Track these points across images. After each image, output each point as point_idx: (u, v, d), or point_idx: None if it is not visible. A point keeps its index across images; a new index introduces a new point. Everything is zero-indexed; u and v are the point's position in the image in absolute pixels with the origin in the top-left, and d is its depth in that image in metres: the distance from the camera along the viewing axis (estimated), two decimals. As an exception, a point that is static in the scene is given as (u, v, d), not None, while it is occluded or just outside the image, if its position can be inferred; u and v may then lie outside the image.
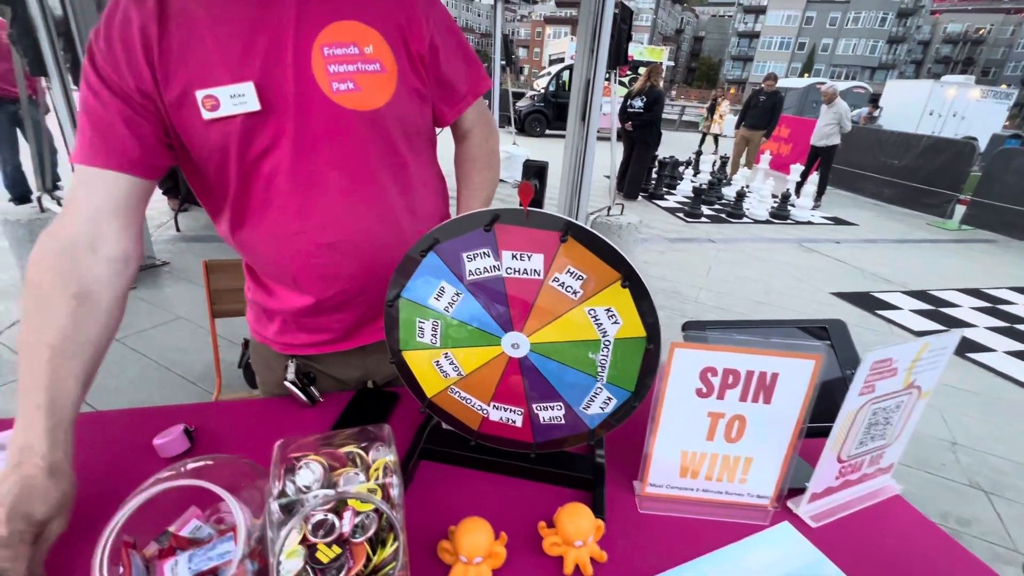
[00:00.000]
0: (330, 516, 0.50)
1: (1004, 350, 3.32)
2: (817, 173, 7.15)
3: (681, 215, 6.07)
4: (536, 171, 3.65)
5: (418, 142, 0.80)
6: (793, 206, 6.51)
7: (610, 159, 3.95)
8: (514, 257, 0.60)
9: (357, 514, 0.51)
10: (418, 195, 0.82)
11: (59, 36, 2.51)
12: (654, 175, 7.14)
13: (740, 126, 7.96)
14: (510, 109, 7.31)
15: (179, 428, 0.74)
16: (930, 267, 5.00)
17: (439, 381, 0.70)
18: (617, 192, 5.83)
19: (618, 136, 4.76)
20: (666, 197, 6.95)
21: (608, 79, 3.35)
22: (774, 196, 6.61)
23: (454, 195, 0.95)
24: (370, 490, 0.53)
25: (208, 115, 0.64)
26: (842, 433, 0.66)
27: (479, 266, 0.61)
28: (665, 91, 7.24)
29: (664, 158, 7.39)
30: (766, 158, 7.78)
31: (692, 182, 7.15)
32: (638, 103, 6.21)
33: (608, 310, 0.60)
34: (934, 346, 0.66)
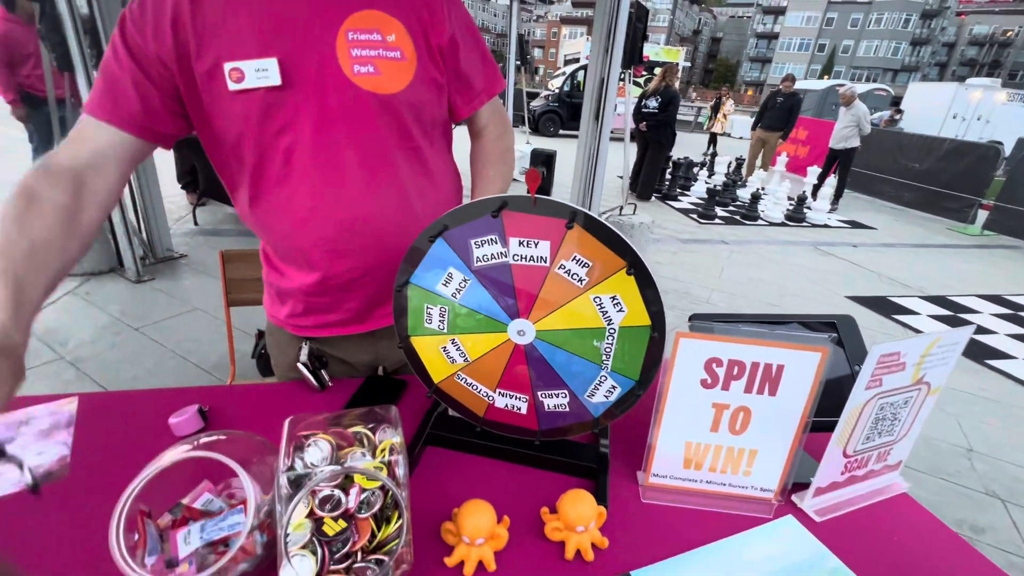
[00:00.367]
0: (336, 491, 0.52)
1: (1025, 358, 3.24)
2: (835, 176, 7.04)
3: (694, 216, 6.02)
4: (544, 159, 3.63)
5: (433, 131, 0.83)
6: (809, 209, 6.42)
7: (623, 159, 3.93)
8: (521, 244, 0.61)
9: (363, 491, 0.53)
10: (431, 182, 0.84)
11: (85, 33, 2.58)
12: (668, 176, 7.10)
13: (756, 127, 7.87)
14: (524, 109, 7.30)
15: (193, 408, 0.77)
16: (949, 272, 4.90)
17: (446, 367, 0.71)
18: (630, 192, 5.81)
19: (632, 136, 4.74)
20: (679, 198, 6.90)
21: (622, 79, 3.34)
22: (790, 198, 6.52)
23: (468, 194, 0.97)
24: (376, 468, 0.54)
25: (233, 86, 0.67)
26: (848, 427, 0.66)
27: (487, 252, 0.62)
28: (681, 91, 7.18)
29: (678, 159, 7.33)
30: (782, 160, 7.66)
31: (706, 183, 7.08)
32: (653, 103, 6.18)
33: (613, 298, 0.60)
34: (944, 341, 0.65)
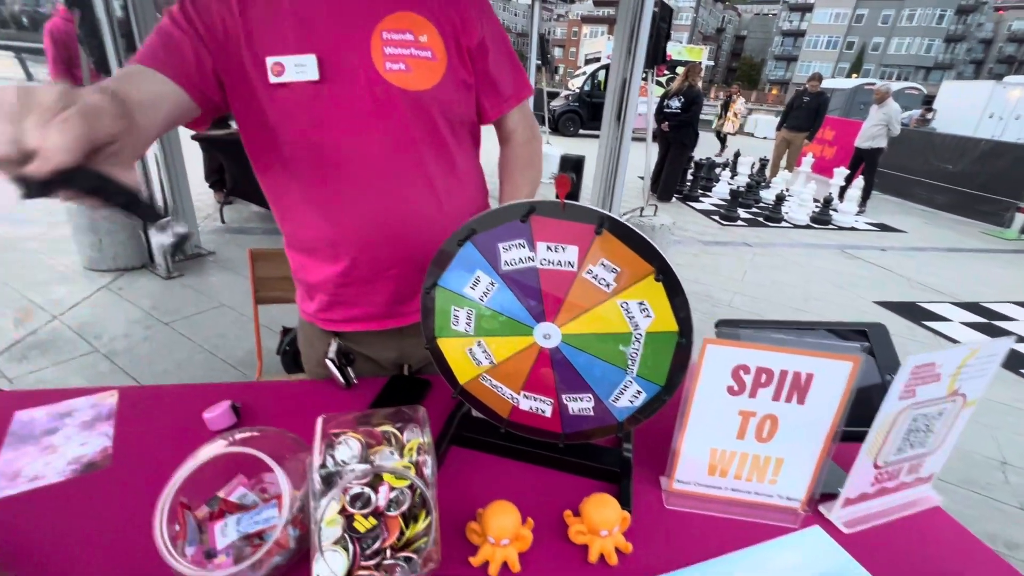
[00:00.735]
0: (367, 489, 0.53)
1: (1064, 368, 3.11)
2: (862, 177, 6.86)
3: (716, 218, 5.93)
4: (573, 164, 3.65)
5: (460, 131, 0.85)
6: (836, 211, 6.28)
7: (644, 160, 3.90)
8: (549, 248, 0.61)
9: (392, 489, 0.54)
10: (457, 179, 0.87)
11: (121, 36, 2.67)
12: (689, 176, 7.01)
13: (781, 128, 7.72)
14: (544, 109, 7.29)
15: (226, 404, 0.79)
16: (984, 278, 4.73)
17: (471, 368, 0.72)
18: (651, 193, 5.75)
19: (653, 136, 4.69)
20: (701, 199, 6.81)
21: (645, 78, 3.31)
22: (815, 200, 6.38)
23: (495, 195, 0.98)
24: (404, 467, 0.55)
25: (273, 79, 0.71)
26: (879, 438, 0.65)
27: (514, 257, 0.63)
28: (704, 91, 7.09)
29: (700, 159, 7.23)
30: (808, 161, 7.49)
31: (729, 184, 6.98)
32: (675, 103, 6.11)
33: (640, 303, 0.60)
34: (982, 353, 0.64)
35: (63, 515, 0.63)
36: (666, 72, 10.94)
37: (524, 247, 0.62)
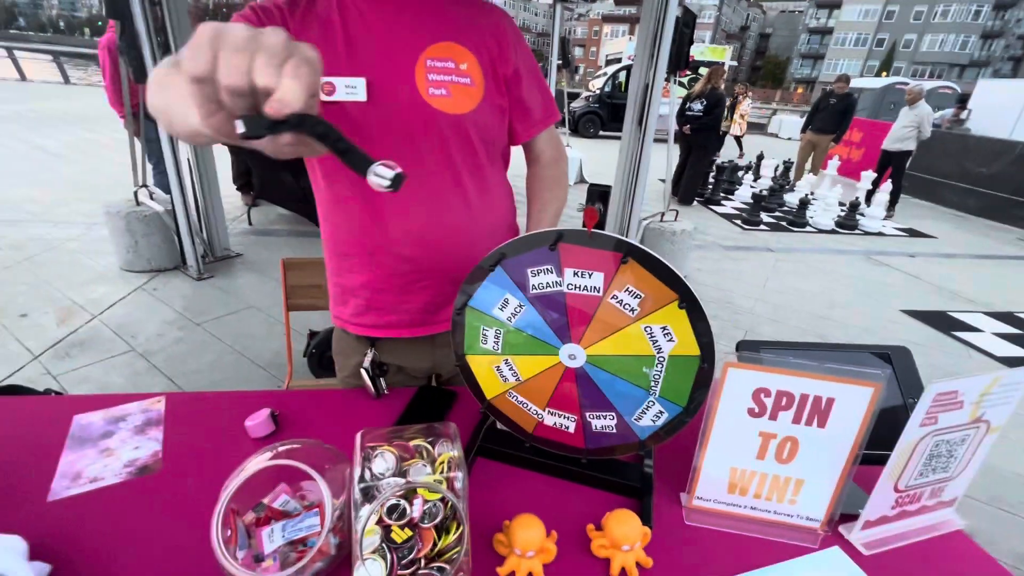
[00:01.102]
0: (402, 502, 0.56)
1: (1103, 382, 3.00)
2: (891, 181, 6.69)
3: (738, 222, 5.86)
4: (599, 195, 3.71)
5: (494, 152, 0.91)
6: (862, 215, 6.14)
7: (666, 163, 3.88)
8: (576, 274, 0.64)
9: (426, 502, 0.57)
10: (491, 198, 0.92)
11: (159, 46, 2.78)
12: (711, 180, 6.93)
13: (807, 130, 7.57)
14: (564, 110, 7.30)
15: (266, 412, 0.84)
16: (1020, 286, 4.58)
17: (498, 385, 0.75)
18: (672, 197, 5.72)
19: (675, 139, 4.66)
20: (723, 203, 6.73)
21: (667, 80, 3.30)
22: (841, 204, 6.25)
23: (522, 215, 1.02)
24: (437, 481, 0.59)
25: (324, 98, 0.76)
26: (900, 463, 0.66)
27: (542, 281, 0.66)
28: (727, 92, 7.00)
29: (723, 162, 7.15)
30: (834, 164, 7.33)
31: (752, 188, 6.88)
32: (697, 106, 6.05)
33: (664, 328, 0.63)
34: (1006, 381, 0.64)
35: (121, 515, 0.68)
36: (688, 73, 10.82)
37: (552, 272, 0.65)
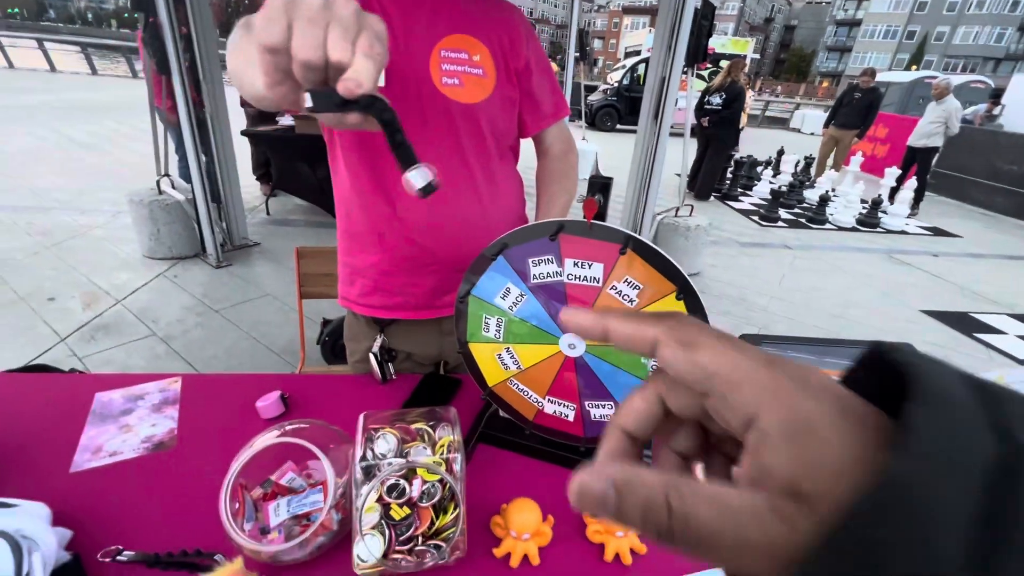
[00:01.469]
0: (402, 481, 0.58)
1: None
2: (915, 178, 6.51)
3: (756, 218, 5.77)
4: (600, 187, 3.71)
5: (503, 143, 0.93)
6: (884, 213, 5.99)
7: (682, 157, 3.84)
8: (576, 265, 0.65)
9: (424, 482, 0.59)
10: (500, 187, 0.94)
11: (181, 39, 2.83)
12: (729, 175, 6.83)
13: (829, 124, 7.40)
14: (581, 103, 7.23)
15: (276, 394, 0.86)
16: (1047, 288, 4.44)
17: (500, 372, 0.77)
18: (688, 192, 5.65)
19: (692, 132, 4.60)
20: (741, 198, 6.63)
21: (685, 72, 3.26)
22: (863, 201, 6.10)
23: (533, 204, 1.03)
24: (436, 463, 0.61)
25: None
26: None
27: (543, 271, 0.67)
28: (747, 85, 6.87)
29: (741, 157, 7.03)
30: (857, 160, 7.16)
31: (771, 183, 6.76)
32: (716, 99, 5.95)
33: (662, 319, 0.63)
34: (1009, 379, 0.64)
35: (137, 487, 0.71)
36: (708, 66, 10.63)
37: (552, 263, 0.66)
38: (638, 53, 14.70)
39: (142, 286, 2.98)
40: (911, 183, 6.37)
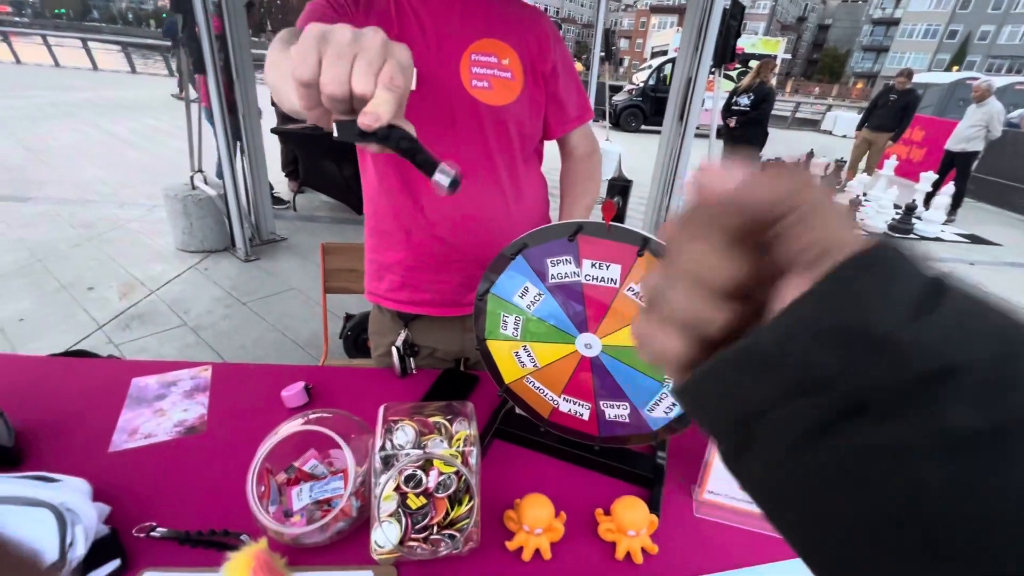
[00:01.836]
0: (419, 472, 0.60)
1: None
2: (953, 183, 6.27)
3: (782, 222, 5.64)
4: (620, 189, 3.71)
5: (528, 145, 0.95)
6: (919, 219, 5.79)
7: (707, 158, 3.79)
8: (593, 266, 0.66)
9: (441, 474, 0.61)
10: (524, 188, 0.96)
11: (216, 39, 2.93)
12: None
13: (863, 127, 7.19)
14: (606, 103, 7.19)
15: (300, 384, 0.90)
16: (1094, 301, 4.22)
17: (517, 370, 0.78)
18: (712, 194, 5.55)
19: (718, 133, 4.53)
20: (767, 201, 6.48)
21: (712, 74, 3.22)
22: (896, 207, 5.92)
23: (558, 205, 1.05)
24: (452, 455, 0.62)
25: None
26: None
27: (561, 271, 0.68)
28: (778, 87, 6.72)
29: (768, 159, 6.89)
30: (891, 164, 6.92)
31: (799, 187, 6.58)
32: (744, 100, 5.85)
33: (679, 322, 0.64)
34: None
35: (170, 468, 0.75)
36: (737, 66, 10.43)
37: (571, 263, 0.67)
38: (665, 53, 14.51)
39: (175, 278, 3.09)
40: (948, 188, 6.13)
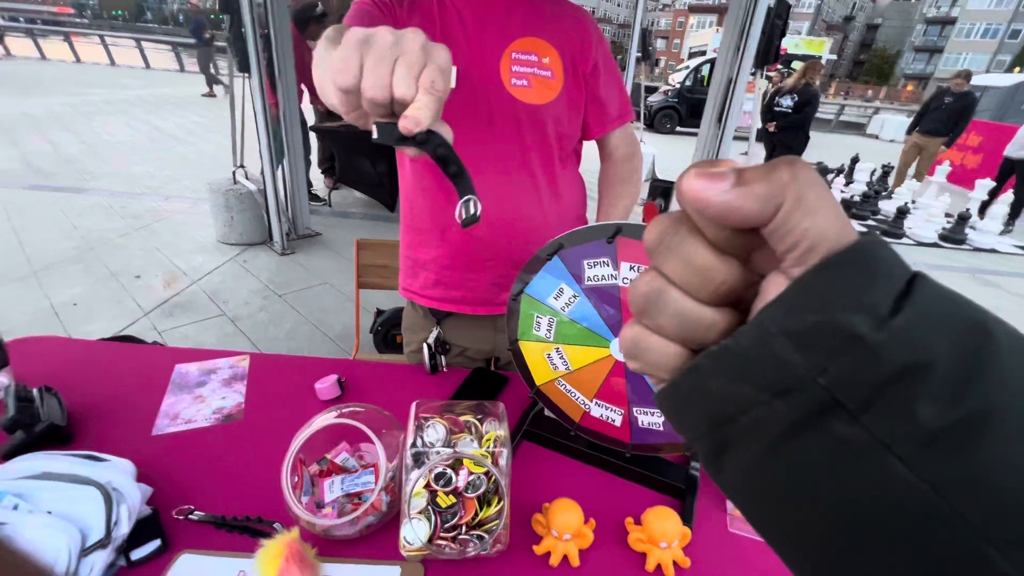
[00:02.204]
0: (449, 470, 0.60)
1: None
2: (1012, 191, 5.91)
3: (823, 229, 5.43)
4: (662, 191, 3.64)
5: (567, 145, 0.93)
6: (973, 228, 5.48)
7: (746, 161, 3.68)
8: (631, 269, 0.64)
9: (471, 474, 0.60)
10: (560, 188, 0.95)
11: (261, 39, 3.02)
12: (796, 182, 6.46)
13: (913, 131, 6.84)
14: (640, 104, 7.07)
15: (333, 377, 0.91)
16: None
17: (548, 372, 0.77)
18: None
19: (758, 136, 4.40)
20: (807, 207, 6.26)
21: (753, 75, 3.12)
22: (948, 215, 5.62)
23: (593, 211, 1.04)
24: (483, 455, 0.62)
25: None
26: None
27: (598, 273, 0.67)
28: (822, 88, 6.48)
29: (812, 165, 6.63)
30: (943, 170, 6.55)
31: (841, 192, 6.35)
32: (787, 102, 5.65)
33: (720, 329, 0.61)
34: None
35: (208, 454, 0.77)
36: (779, 68, 10.10)
37: (608, 265, 0.66)
38: (703, 53, 14.21)
39: (215, 269, 3.21)
40: (1006, 197, 5.78)
